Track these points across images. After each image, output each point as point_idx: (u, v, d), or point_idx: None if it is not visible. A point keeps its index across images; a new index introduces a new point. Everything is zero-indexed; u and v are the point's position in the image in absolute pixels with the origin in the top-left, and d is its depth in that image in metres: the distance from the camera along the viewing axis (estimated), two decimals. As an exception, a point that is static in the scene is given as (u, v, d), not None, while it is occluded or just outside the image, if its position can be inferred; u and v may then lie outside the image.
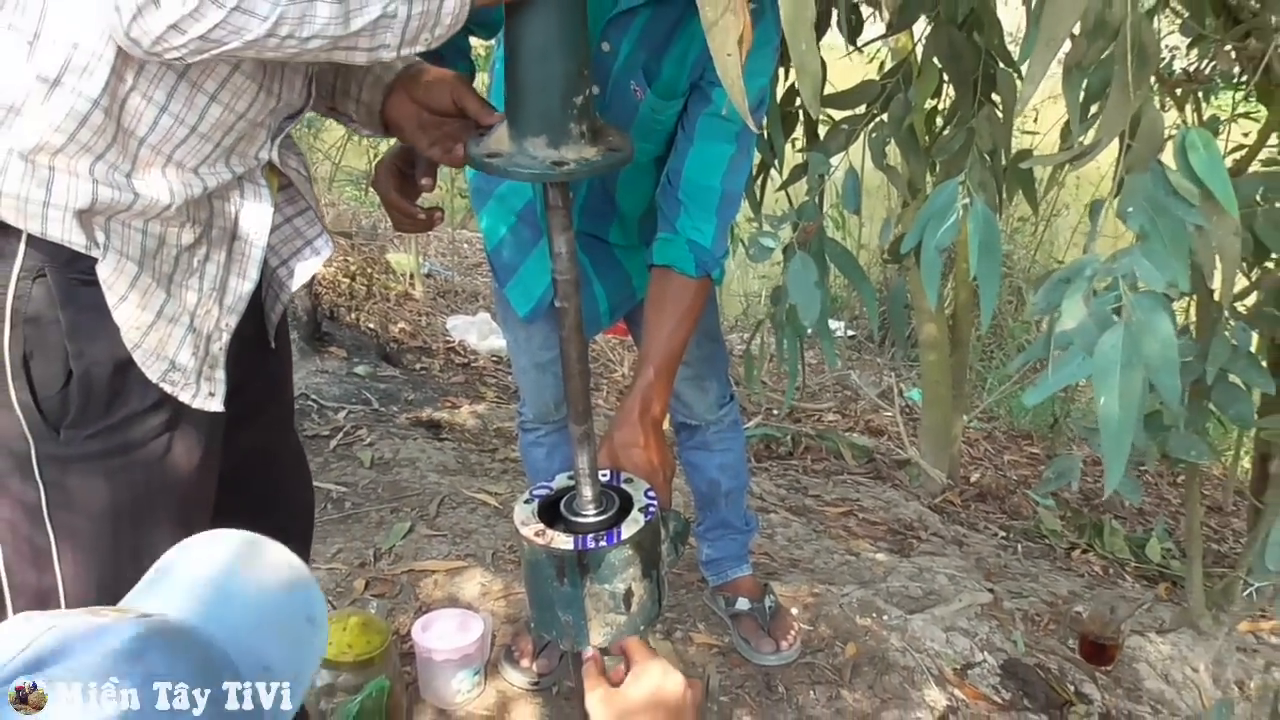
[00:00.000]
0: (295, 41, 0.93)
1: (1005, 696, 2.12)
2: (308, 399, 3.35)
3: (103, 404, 1.05)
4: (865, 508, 3.21)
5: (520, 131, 1.08)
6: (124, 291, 1.02)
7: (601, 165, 1.09)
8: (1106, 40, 0.92)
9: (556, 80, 1.06)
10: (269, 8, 0.89)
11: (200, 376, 1.10)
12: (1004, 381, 4.43)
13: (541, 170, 1.05)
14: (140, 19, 0.87)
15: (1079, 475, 1.44)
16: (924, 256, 1.06)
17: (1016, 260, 5.29)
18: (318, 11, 0.92)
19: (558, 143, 1.07)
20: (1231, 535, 3.54)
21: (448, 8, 1.01)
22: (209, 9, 0.87)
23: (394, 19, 0.97)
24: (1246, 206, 1.40)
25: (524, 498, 1.27)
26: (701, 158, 1.54)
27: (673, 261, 1.52)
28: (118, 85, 0.96)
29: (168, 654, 0.79)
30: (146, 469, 1.10)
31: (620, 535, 1.19)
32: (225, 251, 1.12)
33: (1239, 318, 1.63)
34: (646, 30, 1.53)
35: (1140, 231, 0.84)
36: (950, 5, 1.48)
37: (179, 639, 0.80)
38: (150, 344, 1.05)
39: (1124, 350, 0.79)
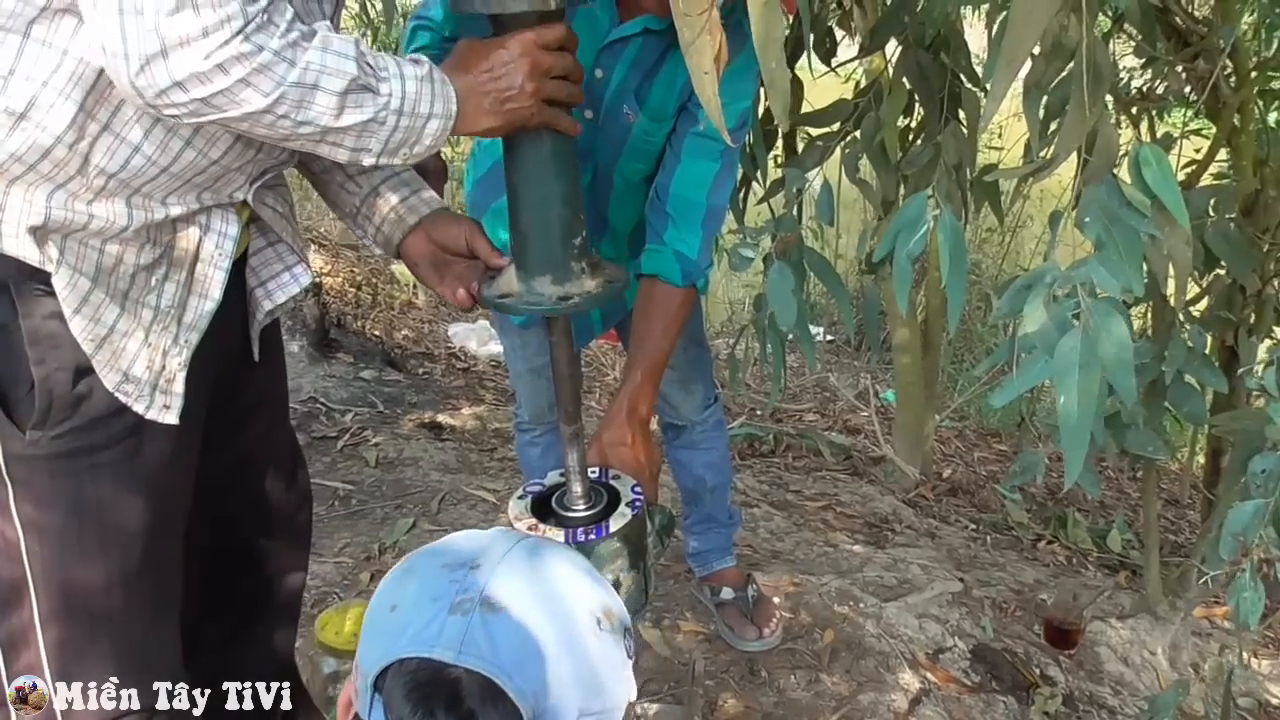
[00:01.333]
0: (289, 123, 0.93)
1: (975, 679, 2.12)
2: (316, 402, 3.34)
3: (67, 407, 1.04)
4: (843, 502, 3.21)
5: (528, 272, 1.14)
6: (76, 305, 1.00)
7: (602, 296, 1.15)
8: (1064, 61, 0.93)
9: (557, 226, 1.12)
10: (272, 85, 0.90)
11: (155, 390, 1.08)
12: (973, 383, 4.44)
13: (550, 306, 1.12)
14: (147, 71, 0.86)
15: (1044, 470, 1.45)
16: (896, 265, 1.06)
17: (985, 269, 5.31)
18: (316, 99, 0.92)
19: (562, 280, 1.13)
20: (1187, 526, 3.55)
21: (430, 129, 1.02)
22: (216, 75, 0.87)
23: (382, 126, 0.98)
24: (1198, 218, 1.41)
25: (518, 494, 1.28)
26: (688, 174, 1.55)
27: (660, 271, 1.53)
28: (87, 123, 0.95)
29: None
30: (113, 469, 1.08)
31: (609, 529, 1.20)
32: (187, 272, 1.09)
33: (1193, 321, 1.64)
34: (638, 57, 1.54)
35: (1097, 241, 0.84)
36: (919, 29, 1.48)
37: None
38: (104, 356, 1.03)
39: (1082, 352, 0.79)
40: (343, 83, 0.93)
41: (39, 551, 1.07)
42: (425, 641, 0.75)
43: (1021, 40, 0.84)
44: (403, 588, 0.81)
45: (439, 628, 0.75)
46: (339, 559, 2.38)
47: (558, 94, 1.07)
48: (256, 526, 1.43)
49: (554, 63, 1.05)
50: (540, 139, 1.09)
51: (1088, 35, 0.87)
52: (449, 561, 0.81)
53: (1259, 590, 1.07)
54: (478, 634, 0.74)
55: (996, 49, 0.91)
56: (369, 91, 0.95)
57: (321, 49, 0.92)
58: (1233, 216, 1.76)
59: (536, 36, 1.04)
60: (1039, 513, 3.50)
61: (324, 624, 1.83)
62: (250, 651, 1.48)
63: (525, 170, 1.11)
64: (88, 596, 1.11)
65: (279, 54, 0.89)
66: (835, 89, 2.32)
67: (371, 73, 0.96)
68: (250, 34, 0.87)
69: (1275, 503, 1.04)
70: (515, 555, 0.81)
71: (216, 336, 1.17)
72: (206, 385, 1.20)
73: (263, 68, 0.88)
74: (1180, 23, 1.70)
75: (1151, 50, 1.63)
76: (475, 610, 0.75)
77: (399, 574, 0.83)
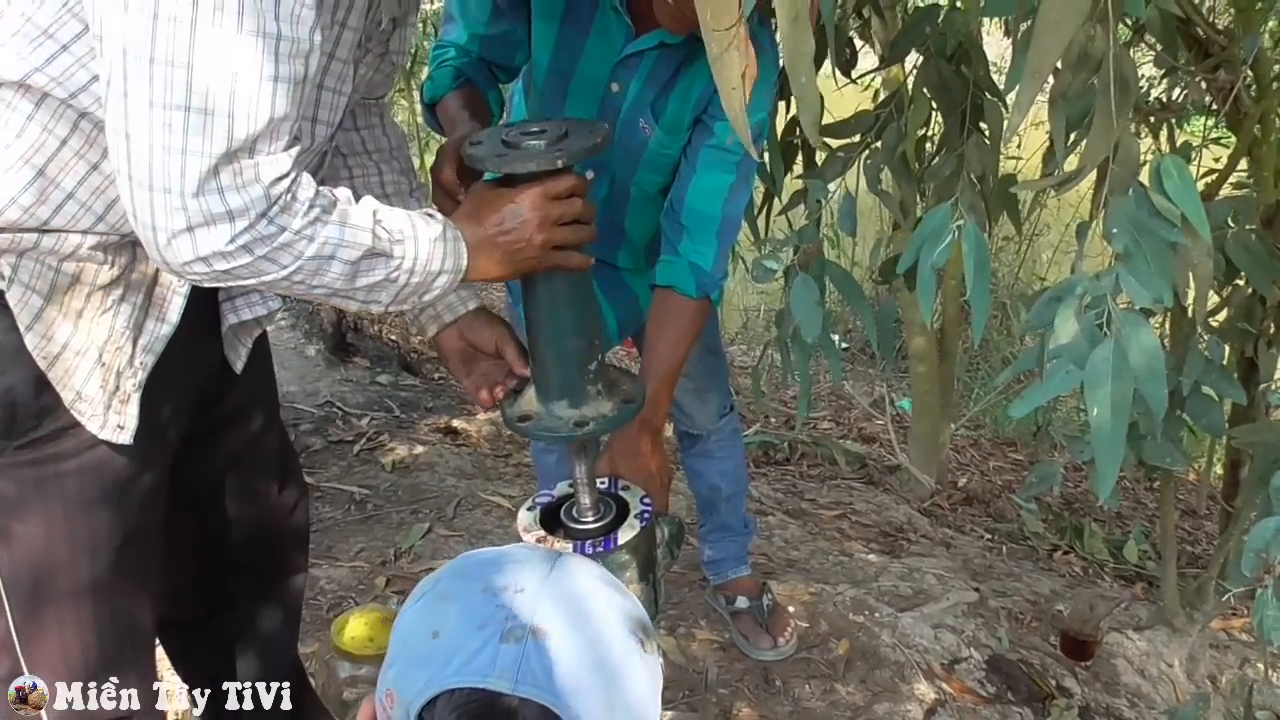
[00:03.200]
0: (304, 287, 0.96)
1: (990, 690, 2.11)
2: (332, 406, 3.35)
3: (31, 418, 1.04)
4: (858, 511, 3.20)
5: (546, 396, 1.19)
6: (28, 321, 1.00)
7: (617, 419, 1.19)
8: (1089, 72, 0.93)
9: (571, 355, 1.16)
10: (291, 259, 0.92)
11: (108, 409, 1.07)
12: (990, 391, 4.43)
13: (568, 433, 1.16)
14: (174, 245, 0.87)
15: (1060, 481, 1.44)
16: (920, 275, 1.06)
17: (1001, 278, 5.29)
18: (330, 269, 0.95)
19: (579, 404, 1.18)
20: (1204, 538, 3.53)
21: (440, 282, 1.05)
22: (240, 254, 0.89)
23: (393, 284, 1.01)
24: (1218, 229, 1.40)
25: (527, 505, 1.28)
26: (704, 187, 1.55)
27: (674, 282, 1.53)
28: (46, 139, 0.95)
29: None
30: (79, 479, 1.08)
31: (617, 541, 1.20)
32: (144, 294, 1.09)
33: (1211, 333, 1.63)
34: (653, 71, 1.54)
35: (1124, 251, 0.84)
36: (939, 40, 1.48)
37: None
38: (57, 373, 1.03)
39: (1113, 363, 0.79)
40: (358, 253, 0.96)
41: (8, 560, 1.07)
42: (478, 671, 0.72)
43: (1048, 51, 0.84)
44: (443, 613, 0.78)
45: (491, 656, 0.73)
46: (355, 563, 2.38)
47: (567, 239, 1.10)
48: (251, 529, 1.43)
49: (564, 211, 1.09)
50: (552, 276, 1.14)
51: (1114, 46, 0.87)
52: (490, 586, 0.78)
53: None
54: (532, 662, 0.73)
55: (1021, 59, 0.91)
56: (383, 256, 0.99)
57: (340, 224, 0.95)
58: (1253, 227, 1.75)
59: (545, 189, 1.08)
60: (1055, 523, 3.48)
61: (340, 628, 1.83)
62: (253, 651, 1.49)
63: (539, 305, 1.16)
64: (58, 604, 1.11)
65: (299, 233, 0.92)
66: (853, 99, 2.32)
67: (386, 238, 0.99)
68: (274, 217, 0.90)
69: (1300, 517, 1.04)
70: (557, 578, 0.79)
71: (194, 352, 1.17)
72: (186, 399, 1.20)
73: (284, 246, 0.91)
74: (1201, 33, 1.70)
75: (1173, 60, 1.62)
76: (527, 638, 0.73)
77: (433, 598, 0.80)
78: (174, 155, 0.84)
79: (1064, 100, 0.96)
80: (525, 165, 1.08)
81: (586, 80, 1.55)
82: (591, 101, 1.57)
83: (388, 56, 1.22)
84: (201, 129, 0.84)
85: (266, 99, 0.86)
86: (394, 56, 1.23)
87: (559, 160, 1.07)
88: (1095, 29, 0.88)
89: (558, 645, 0.74)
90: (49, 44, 0.91)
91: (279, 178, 0.89)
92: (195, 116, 0.84)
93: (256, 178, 0.87)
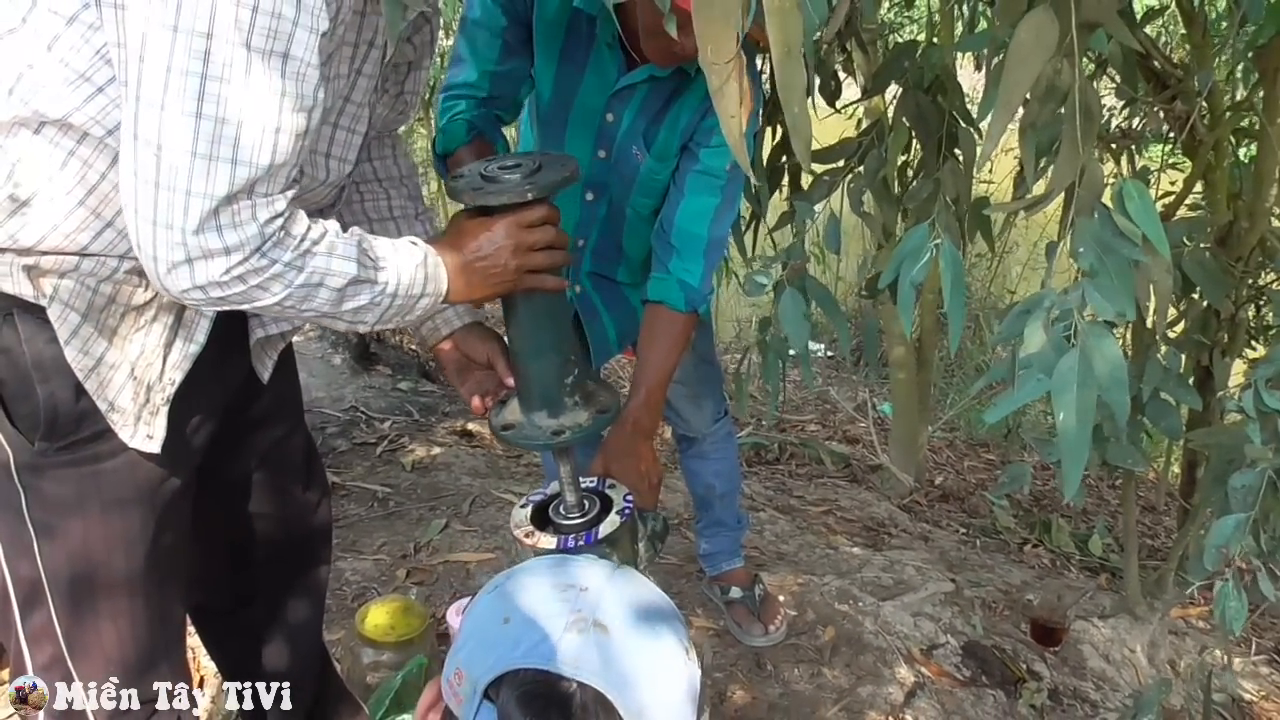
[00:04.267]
0: (294, 311, 0.98)
1: (966, 674, 2.10)
2: (357, 411, 3.34)
3: (72, 421, 1.04)
4: (843, 507, 3.19)
5: (527, 407, 1.21)
6: (66, 337, 1.00)
7: (592, 428, 1.20)
8: (1056, 103, 0.93)
9: (549, 369, 1.18)
10: (282, 288, 0.94)
11: (138, 420, 1.07)
12: (964, 397, 4.42)
13: (545, 440, 1.19)
14: (174, 274, 0.89)
15: (1030, 479, 1.44)
16: (900, 290, 1.06)
17: (974, 292, 5.28)
18: (319, 295, 0.97)
19: (557, 414, 1.19)
20: (1163, 532, 3.52)
21: (421, 304, 1.07)
22: (234, 284, 0.90)
23: (377, 306, 1.02)
24: (1175, 247, 1.40)
25: (520, 503, 1.28)
26: (691, 209, 1.56)
27: (664, 298, 1.54)
28: (86, 172, 0.96)
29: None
30: (115, 477, 1.08)
31: (597, 535, 1.19)
32: (174, 315, 1.09)
33: (1170, 343, 1.62)
34: (645, 102, 1.55)
35: (1090, 268, 0.84)
36: (917, 73, 1.48)
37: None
38: (93, 384, 1.03)
39: (1079, 371, 0.79)
40: (344, 280, 0.98)
41: (50, 553, 1.07)
42: (543, 655, 0.74)
43: (1017, 84, 0.84)
44: (514, 602, 0.80)
45: (554, 644, 0.75)
46: (378, 556, 2.37)
47: (541, 264, 1.12)
48: (278, 525, 1.43)
49: (537, 238, 1.10)
50: (530, 297, 1.15)
51: (1079, 79, 0.87)
52: (558, 582, 0.80)
53: (1243, 598, 1.06)
54: (592, 652, 0.75)
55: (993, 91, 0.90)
56: (367, 283, 1.00)
57: (327, 254, 0.96)
58: (1208, 246, 1.75)
59: (519, 219, 1.09)
60: (1025, 518, 3.48)
61: (363, 616, 1.83)
62: (281, 638, 1.48)
63: (518, 324, 1.18)
64: (95, 596, 1.10)
65: (289, 264, 0.93)
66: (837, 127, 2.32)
67: (371, 265, 1.00)
68: (266, 250, 0.91)
69: (1254, 516, 1.03)
70: (617, 582, 0.81)
71: (221, 365, 1.17)
72: (213, 408, 1.20)
73: (275, 277, 0.92)
74: (1159, 67, 1.70)
75: (1132, 92, 1.62)
76: (590, 629, 0.75)
77: (505, 590, 0.82)
78: (178, 195, 0.85)
79: (1033, 129, 0.96)
80: (499, 198, 1.09)
81: (585, 111, 1.56)
82: (589, 130, 1.58)
83: (403, 96, 1.22)
84: (205, 173, 0.85)
85: (268, 148, 0.87)
86: (409, 96, 1.23)
87: (529, 193, 1.09)
88: (1061, 63, 0.88)
89: (617, 640, 0.76)
90: (86, 86, 0.92)
91: (273, 217, 0.90)
92: (200, 162, 0.85)
93: (253, 217, 0.89)
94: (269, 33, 0.84)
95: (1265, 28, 1.53)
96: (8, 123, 0.92)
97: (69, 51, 0.91)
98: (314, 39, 0.87)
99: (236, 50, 0.83)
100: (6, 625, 1.10)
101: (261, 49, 0.84)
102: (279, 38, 0.85)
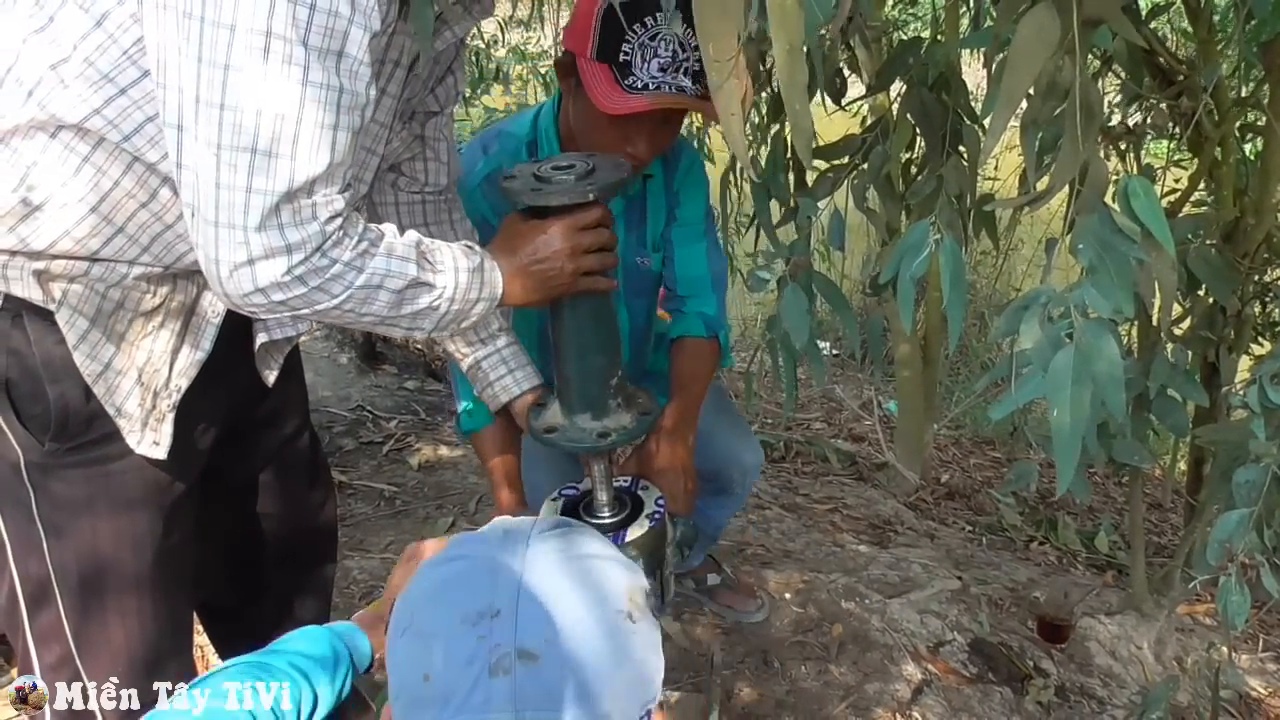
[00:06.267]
0: (353, 315, 0.97)
1: (972, 671, 2.10)
2: (364, 410, 3.35)
3: (82, 422, 1.05)
4: (849, 505, 3.19)
5: (570, 410, 1.20)
6: (75, 342, 1.01)
7: (636, 430, 1.20)
8: (1058, 100, 0.93)
9: (595, 371, 1.17)
10: (341, 289, 0.93)
11: (145, 427, 1.08)
12: (970, 394, 4.41)
13: (591, 444, 1.17)
14: (235, 277, 0.89)
15: (1036, 477, 1.44)
16: (900, 286, 1.06)
17: (980, 289, 5.27)
18: (378, 298, 0.96)
19: (601, 416, 1.18)
20: (1170, 529, 3.51)
21: (477, 309, 1.07)
22: (294, 284, 0.90)
23: (435, 311, 1.02)
24: (1181, 244, 1.40)
25: (551, 496, 1.27)
26: (685, 259, 1.67)
27: (687, 330, 1.65)
28: (100, 179, 0.96)
29: None
30: (122, 478, 1.09)
31: (626, 537, 1.19)
32: (182, 322, 1.10)
33: (1175, 340, 1.62)
34: (628, 219, 1.62)
35: (1089, 266, 0.84)
36: (921, 70, 1.48)
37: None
38: (100, 389, 1.04)
39: (1075, 369, 0.79)
40: (403, 282, 0.97)
41: (59, 552, 1.08)
42: (475, 709, 0.68)
43: (1020, 81, 0.84)
44: (428, 654, 0.72)
45: (485, 694, 0.69)
46: (385, 554, 2.38)
47: (595, 266, 1.12)
48: (285, 522, 1.44)
49: (593, 240, 1.10)
50: (578, 299, 1.14)
51: (1080, 76, 0.87)
52: (464, 615, 0.72)
53: (1245, 593, 1.06)
54: (527, 688, 0.69)
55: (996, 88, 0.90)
56: (425, 285, 0.99)
57: (386, 255, 0.96)
58: (1214, 242, 1.74)
59: (575, 220, 1.09)
60: (1031, 516, 3.47)
61: (371, 614, 1.83)
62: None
63: (565, 326, 1.16)
64: (104, 596, 1.11)
65: (350, 264, 0.93)
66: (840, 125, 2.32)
67: (429, 267, 1.00)
68: (327, 250, 0.91)
69: (1258, 511, 1.03)
70: (530, 586, 0.73)
71: (227, 371, 1.18)
72: (218, 412, 1.21)
73: (335, 277, 0.92)
74: (1164, 63, 1.69)
75: (1137, 88, 1.62)
76: (515, 666, 0.69)
77: (414, 639, 0.74)
78: (238, 193, 0.85)
79: (1035, 126, 0.96)
80: (557, 199, 1.08)
81: None
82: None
83: (426, 141, 1.23)
84: (265, 170, 0.85)
85: (326, 145, 0.87)
86: (432, 144, 1.24)
87: (589, 194, 1.08)
88: (1064, 60, 0.88)
89: (548, 662, 0.69)
90: (108, 88, 0.92)
91: (333, 216, 0.90)
92: (260, 158, 0.85)
93: (314, 216, 0.89)
94: (326, 30, 0.84)
95: (1271, 22, 1.53)
96: (24, 126, 0.92)
97: (95, 51, 0.91)
98: (366, 37, 0.87)
99: (295, 48, 0.83)
100: (14, 625, 1.11)
101: (319, 47, 0.84)
102: (335, 36, 0.85)
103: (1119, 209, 0.89)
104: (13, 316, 1.00)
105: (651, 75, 1.27)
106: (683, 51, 1.28)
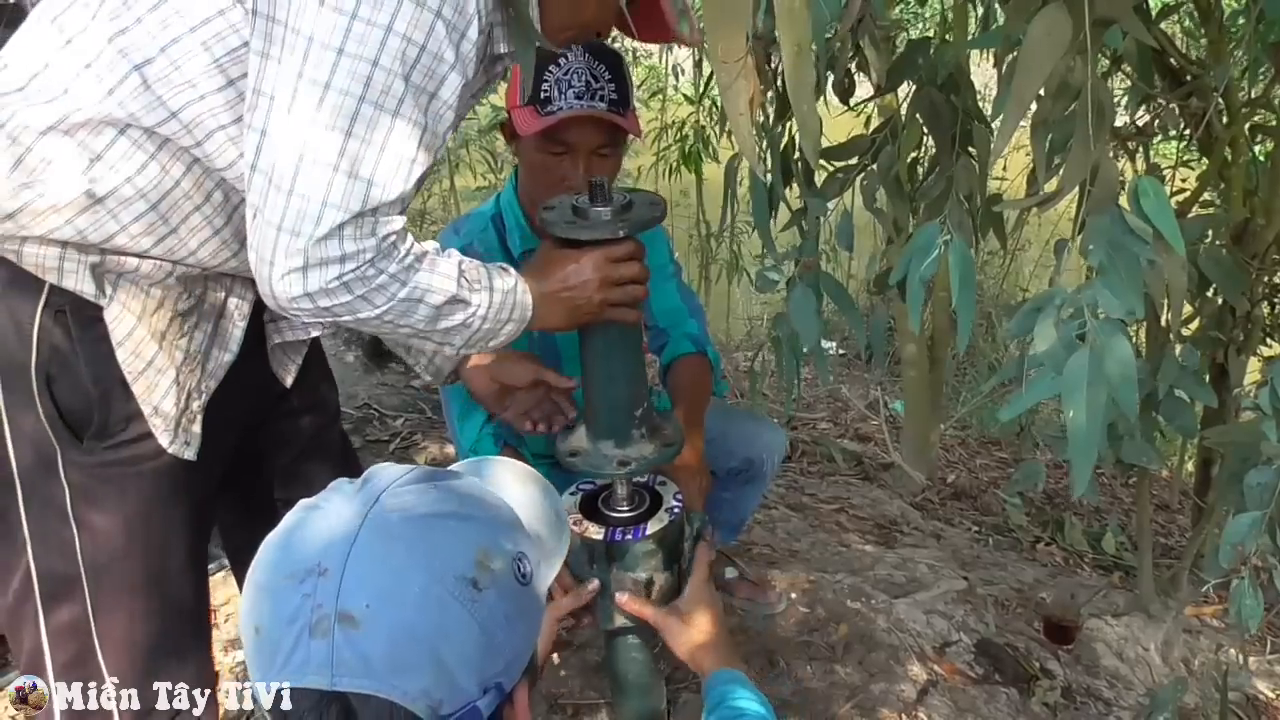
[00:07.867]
0: (391, 326, 1.00)
1: (979, 672, 2.09)
2: (370, 408, 3.36)
3: (121, 420, 1.06)
4: (855, 505, 3.19)
5: (595, 435, 1.23)
6: (120, 338, 1.02)
7: (656, 459, 1.22)
8: (1069, 100, 0.92)
9: (621, 400, 1.20)
10: (384, 300, 0.96)
11: (178, 427, 1.09)
12: (977, 395, 4.41)
13: (611, 470, 1.21)
14: (284, 281, 0.91)
15: (1043, 478, 1.43)
16: (909, 287, 1.06)
17: (987, 289, 5.27)
18: (418, 311, 0.99)
19: (623, 444, 1.21)
20: (1177, 530, 3.50)
21: (506, 330, 1.10)
22: (341, 291, 0.92)
23: (468, 329, 1.05)
24: (1191, 244, 1.39)
25: (570, 489, 1.29)
26: (660, 298, 1.78)
27: (676, 351, 1.76)
28: (163, 179, 0.98)
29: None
30: (155, 479, 1.10)
31: (645, 531, 1.20)
32: (212, 324, 1.12)
33: (1185, 340, 1.61)
34: None
35: (1100, 266, 0.83)
36: (930, 70, 1.47)
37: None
38: (140, 388, 1.05)
39: (1089, 370, 0.78)
40: (443, 298, 1.00)
41: (91, 550, 1.08)
42: (296, 669, 0.67)
43: (1031, 81, 0.84)
44: (259, 607, 0.71)
45: (305, 654, 0.67)
46: (391, 553, 2.38)
47: (624, 299, 1.16)
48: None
49: (623, 273, 1.14)
50: (608, 328, 1.17)
51: (1091, 76, 0.86)
52: (294, 570, 0.70)
53: (1258, 596, 1.05)
54: (344, 653, 0.66)
55: (1006, 89, 0.90)
56: (462, 303, 1.02)
57: (430, 270, 0.99)
58: (1223, 243, 1.74)
59: (607, 253, 1.13)
60: (1037, 516, 3.46)
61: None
62: None
63: (593, 354, 1.19)
64: (131, 592, 1.12)
65: (395, 276, 0.95)
66: (848, 125, 2.31)
67: (468, 286, 1.03)
68: (376, 261, 0.93)
69: (1270, 513, 1.03)
70: (362, 546, 0.69)
71: (248, 373, 1.19)
72: (240, 414, 1.22)
73: (380, 288, 0.95)
74: (1175, 63, 1.68)
75: (1147, 88, 1.61)
76: (334, 628, 0.67)
77: (251, 590, 0.73)
78: (313, 204, 0.88)
79: (1045, 126, 0.96)
80: (592, 233, 1.12)
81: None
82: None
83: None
84: (344, 188, 0.88)
85: (402, 176, 0.91)
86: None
87: (622, 230, 1.12)
88: (1074, 60, 0.88)
89: (372, 629, 0.67)
90: (189, 91, 0.94)
91: (390, 233, 0.93)
92: (341, 177, 0.88)
93: (373, 232, 0.92)
94: (427, 72, 0.89)
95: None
96: (97, 120, 0.94)
97: (184, 56, 0.93)
98: (460, 84, 0.93)
99: (397, 81, 0.87)
100: (22, 623, 1.11)
101: (418, 85, 0.89)
102: (434, 78, 0.90)
103: (1129, 209, 0.89)
104: (55, 312, 1.01)
105: (569, 102, 1.46)
106: (595, 82, 1.47)
